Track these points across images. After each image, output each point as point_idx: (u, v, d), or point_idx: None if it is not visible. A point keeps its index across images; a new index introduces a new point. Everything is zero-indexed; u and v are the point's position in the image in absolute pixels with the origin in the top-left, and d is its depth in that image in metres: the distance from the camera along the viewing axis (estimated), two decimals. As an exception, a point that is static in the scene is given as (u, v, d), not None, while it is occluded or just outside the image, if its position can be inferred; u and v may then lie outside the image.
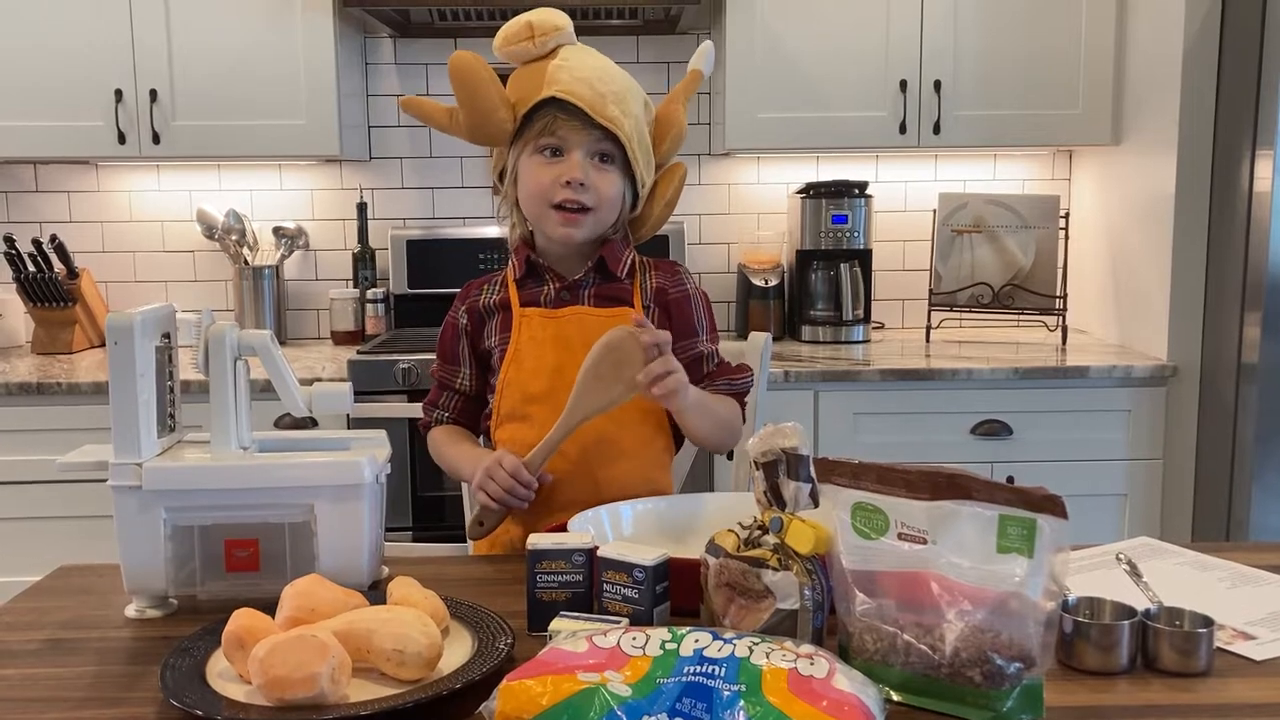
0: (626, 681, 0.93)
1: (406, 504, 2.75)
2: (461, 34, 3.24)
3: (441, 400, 1.74)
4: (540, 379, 1.62)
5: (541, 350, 1.63)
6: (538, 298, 1.67)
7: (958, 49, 2.93)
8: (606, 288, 1.66)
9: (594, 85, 1.58)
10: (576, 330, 1.63)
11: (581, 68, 1.60)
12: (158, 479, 1.28)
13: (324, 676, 1.01)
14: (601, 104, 1.57)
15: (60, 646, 1.22)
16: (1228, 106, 2.61)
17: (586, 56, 1.63)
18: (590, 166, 1.59)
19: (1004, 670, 0.99)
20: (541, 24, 1.61)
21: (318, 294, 3.32)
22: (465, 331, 1.71)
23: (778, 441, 1.12)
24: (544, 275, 1.67)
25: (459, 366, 1.72)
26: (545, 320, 1.64)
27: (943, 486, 1.04)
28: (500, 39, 1.64)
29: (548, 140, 1.59)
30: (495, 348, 1.67)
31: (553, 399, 1.58)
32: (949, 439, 2.73)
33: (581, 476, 1.60)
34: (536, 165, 1.61)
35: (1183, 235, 2.69)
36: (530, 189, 1.62)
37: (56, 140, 2.89)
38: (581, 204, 1.59)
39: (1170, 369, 2.72)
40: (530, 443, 1.55)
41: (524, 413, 1.62)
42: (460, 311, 1.72)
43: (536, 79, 1.60)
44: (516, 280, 1.68)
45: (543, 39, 1.61)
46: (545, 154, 1.60)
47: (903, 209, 3.35)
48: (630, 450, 1.63)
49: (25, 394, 2.65)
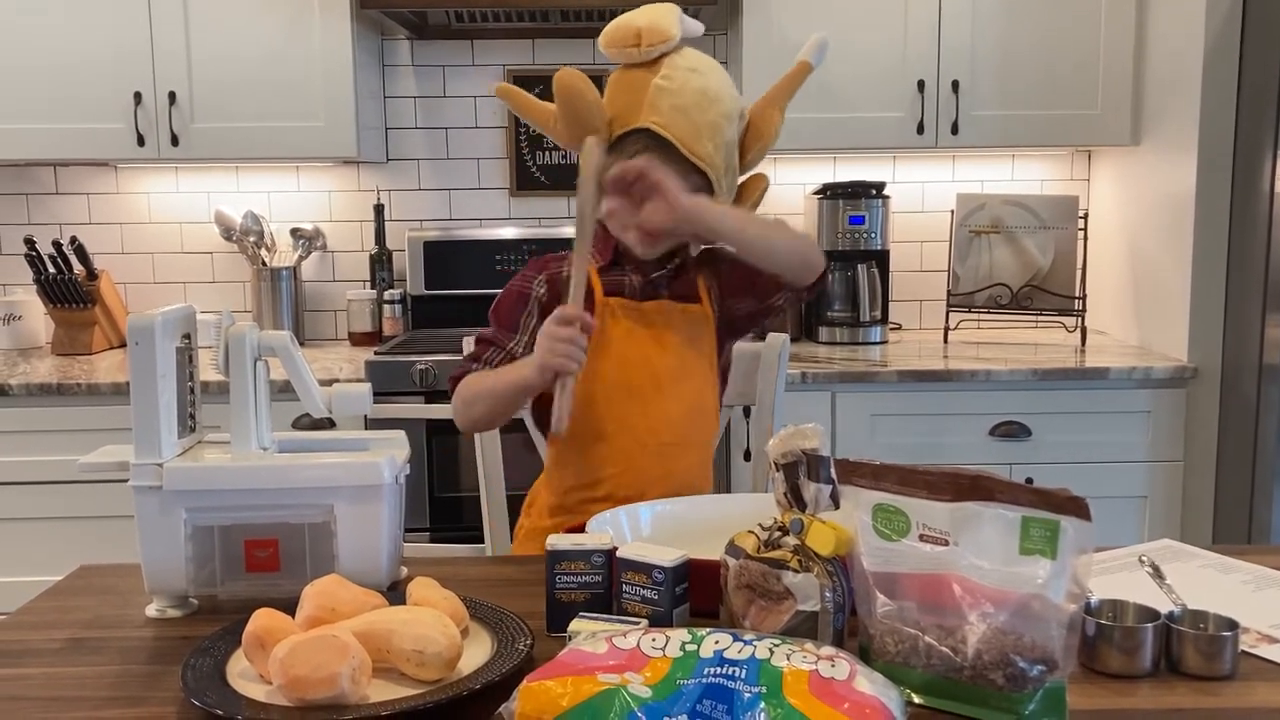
0: (647, 683, 0.93)
1: (424, 505, 2.75)
2: (479, 36, 3.24)
3: (486, 355, 1.70)
4: (627, 369, 1.65)
5: (632, 341, 1.66)
6: (620, 287, 1.69)
7: (975, 49, 2.92)
8: (682, 284, 1.71)
9: (691, 115, 1.59)
10: (663, 323, 1.67)
11: (683, 91, 1.60)
12: (178, 479, 1.28)
13: (344, 677, 1.01)
14: (696, 139, 1.58)
15: (82, 646, 1.23)
16: (1249, 106, 2.59)
17: (691, 77, 1.62)
18: None
19: (1026, 673, 0.99)
20: (650, 33, 1.61)
21: (335, 295, 3.33)
22: (539, 300, 1.69)
23: (798, 443, 1.11)
24: (626, 267, 1.70)
25: (517, 333, 1.69)
26: (633, 310, 1.67)
27: (965, 488, 1.03)
28: (607, 40, 1.64)
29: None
30: None
31: (635, 391, 1.64)
32: (967, 440, 2.72)
33: (659, 468, 1.64)
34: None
35: (1203, 235, 2.68)
36: (614, 208, 1.62)
37: (76, 143, 2.90)
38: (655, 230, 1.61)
39: (1191, 370, 2.70)
40: (607, 431, 1.62)
41: (604, 401, 1.64)
42: (536, 280, 1.71)
43: (638, 96, 1.60)
44: (599, 268, 1.69)
45: (650, 49, 1.61)
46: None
47: (920, 210, 3.33)
48: (697, 441, 1.70)
49: (46, 394, 2.67)
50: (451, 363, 2.68)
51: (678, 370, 1.66)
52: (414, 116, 3.29)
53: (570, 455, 1.68)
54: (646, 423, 1.64)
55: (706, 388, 1.71)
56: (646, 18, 1.62)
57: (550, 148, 3.28)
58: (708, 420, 1.73)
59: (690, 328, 1.69)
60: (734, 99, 1.67)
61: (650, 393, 1.64)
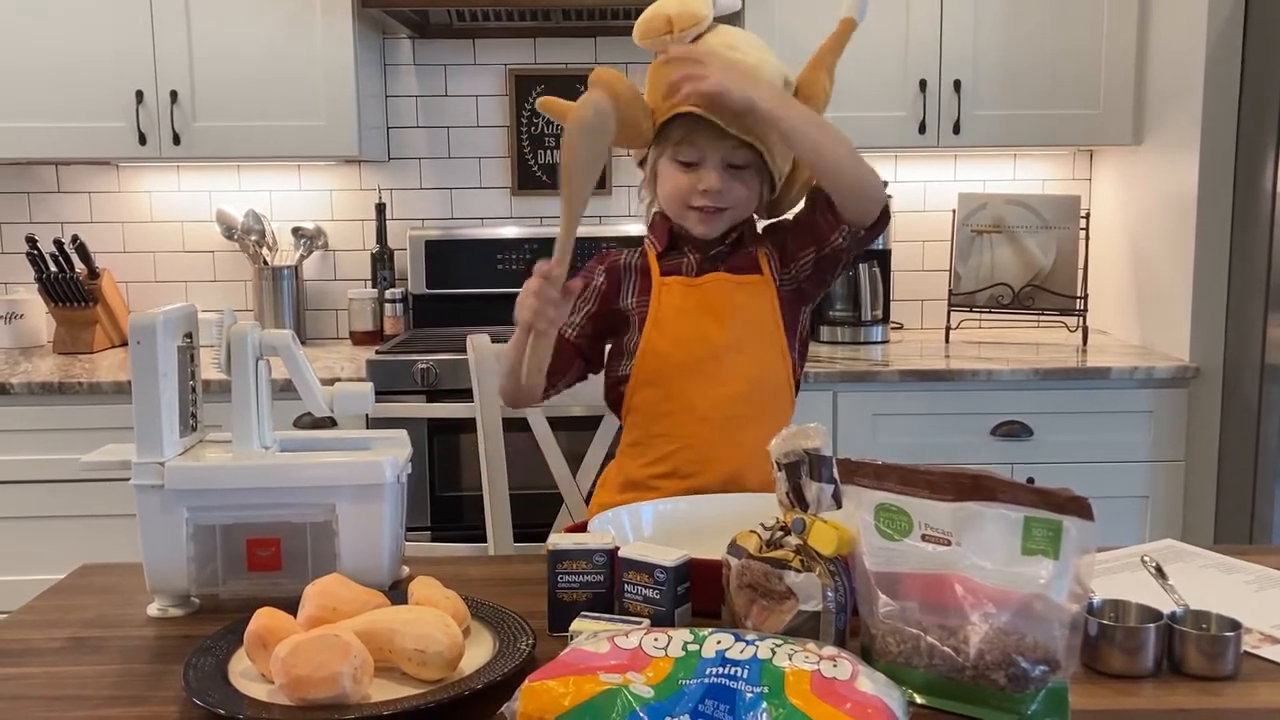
0: (649, 683, 0.93)
1: (425, 504, 2.75)
2: (480, 34, 3.24)
3: None
4: (682, 346, 1.65)
5: (685, 316, 1.66)
6: (678, 268, 1.70)
7: (977, 48, 2.92)
8: (741, 258, 1.71)
9: None
10: (718, 296, 1.67)
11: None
12: (180, 478, 1.28)
13: (346, 676, 1.01)
14: (737, 115, 1.58)
15: (83, 645, 1.23)
16: (1251, 106, 2.59)
17: (727, 54, 1.61)
18: (725, 174, 1.62)
19: (1028, 673, 0.99)
20: (681, 18, 1.61)
21: (336, 294, 3.33)
22: (599, 288, 1.72)
23: (800, 442, 1.11)
24: (684, 249, 1.71)
25: (571, 315, 1.69)
26: (687, 288, 1.68)
27: (967, 488, 1.03)
28: (640, 32, 1.65)
29: (684, 151, 1.63)
30: (633, 310, 1.70)
31: (694, 366, 1.64)
32: (969, 440, 2.72)
33: (725, 442, 1.64)
34: (674, 172, 1.65)
35: (1205, 235, 2.67)
36: (669, 193, 1.67)
37: (78, 141, 2.90)
38: (718, 206, 1.64)
39: (1192, 370, 2.70)
40: (670, 410, 1.64)
41: (665, 379, 1.66)
42: (597, 270, 1.74)
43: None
44: (658, 254, 1.71)
45: (682, 34, 1.61)
46: (682, 163, 1.63)
47: (922, 209, 3.33)
48: (767, 414, 1.67)
49: (47, 393, 2.67)
50: (453, 362, 2.69)
51: (736, 343, 1.66)
52: (415, 115, 3.29)
53: (636, 433, 1.70)
54: (707, 397, 1.64)
55: (772, 358, 1.69)
56: (676, 3, 1.62)
57: (552, 147, 3.28)
58: (776, 392, 1.70)
59: (750, 299, 1.68)
60: (776, 69, 1.66)
61: (710, 367, 1.64)
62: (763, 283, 1.70)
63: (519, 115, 3.27)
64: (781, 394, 1.71)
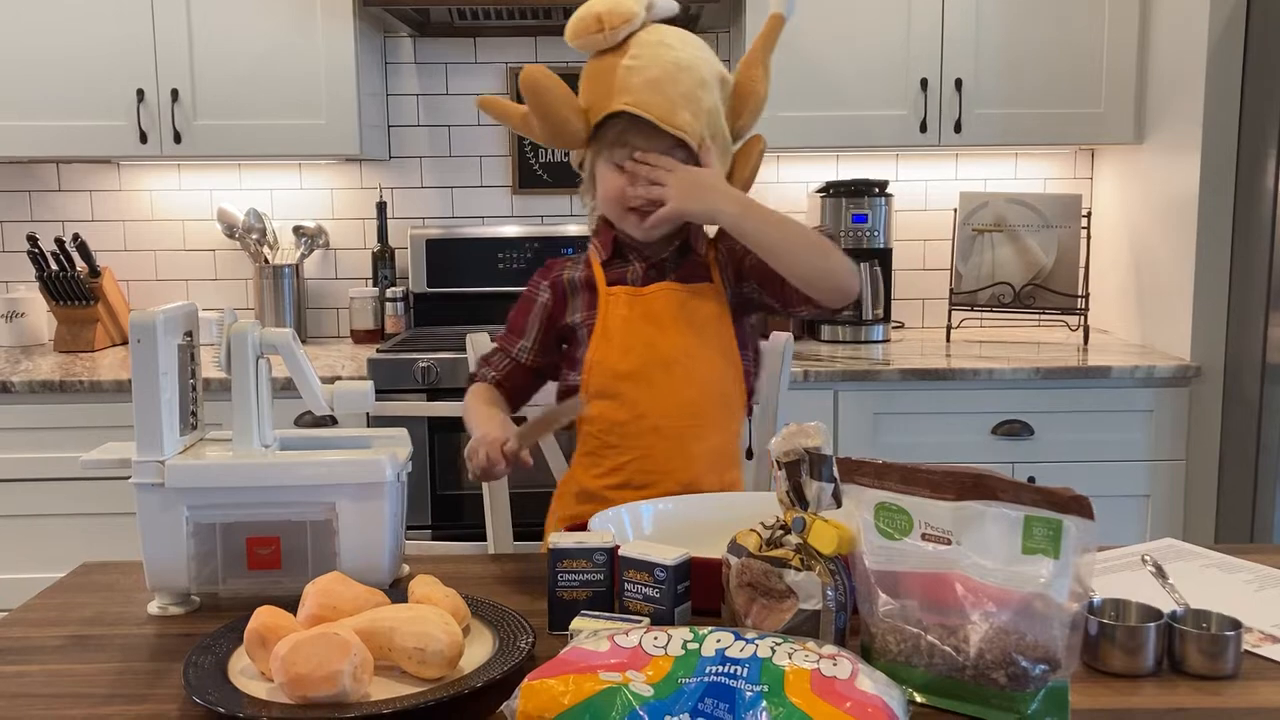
0: (649, 681, 0.93)
1: (425, 502, 2.75)
2: (481, 33, 3.24)
3: (494, 360, 1.76)
4: (630, 357, 1.64)
5: (631, 327, 1.65)
6: (624, 277, 1.69)
7: (979, 47, 2.91)
8: (688, 264, 1.70)
9: (664, 89, 1.57)
10: (665, 305, 1.66)
11: (652, 66, 1.58)
12: (180, 477, 1.28)
13: (346, 674, 1.01)
14: (671, 112, 1.57)
15: (83, 643, 1.23)
16: (1252, 105, 2.59)
17: (660, 50, 1.60)
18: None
19: (1029, 672, 0.98)
20: (611, 16, 1.59)
21: (337, 293, 3.33)
22: (545, 305, 1.72)
23: (800, 441, 1.11)
24: (629, 256, 1.70)
25: (521, 337, 1.73)
26: (633, 297, 1.67)
27: (968, 487, 1.03)
28: (571, 31, 1.63)
29: (619, 153, 1.62)
30: (580, 324, 1.69)
31: (644, 376, 1.63)
32: (969, 439, 2.72)
33: (678, 451, 1.63)
34: (610, 173, 1.64)
35: (1206, 234, 2.67)
36: (606, 196, 1.66)
37: (79, 140, 2.90)
38: (655, 204, 1.61)
39: (1193, 369, 2.70)
40: (622, 420, 1.62)
41: (614, 390, 1.64)
42: (541, 286, 1.73)
43: (607, 82, 1.60)
44: (602, 262, 1.70)
45: (613, 32, 1.60)
46: (617, 163, 1.63)
47: (923, 208, 3.33)
48: (720, 423, 1.68)
49: (48, 391, 2.67)
50: (453, 360, 2.69)
51: (686, 351, 1.65)
52: (416, 114, 3.28)
53: (590, 443, 1.69)
54: (659, 407, 1.63)
55: (723, 366, 1.68)
56: (605, 2, 1.60)
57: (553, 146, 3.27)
58: (728, 399, 1.70)
59: (699, 307, 1.67)
60: (711, 65, 1.64)
61: (659, 376, 1.63)
62: (712, 290, 1.69)
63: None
64: (733, 401, 1.70)
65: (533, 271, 1.79)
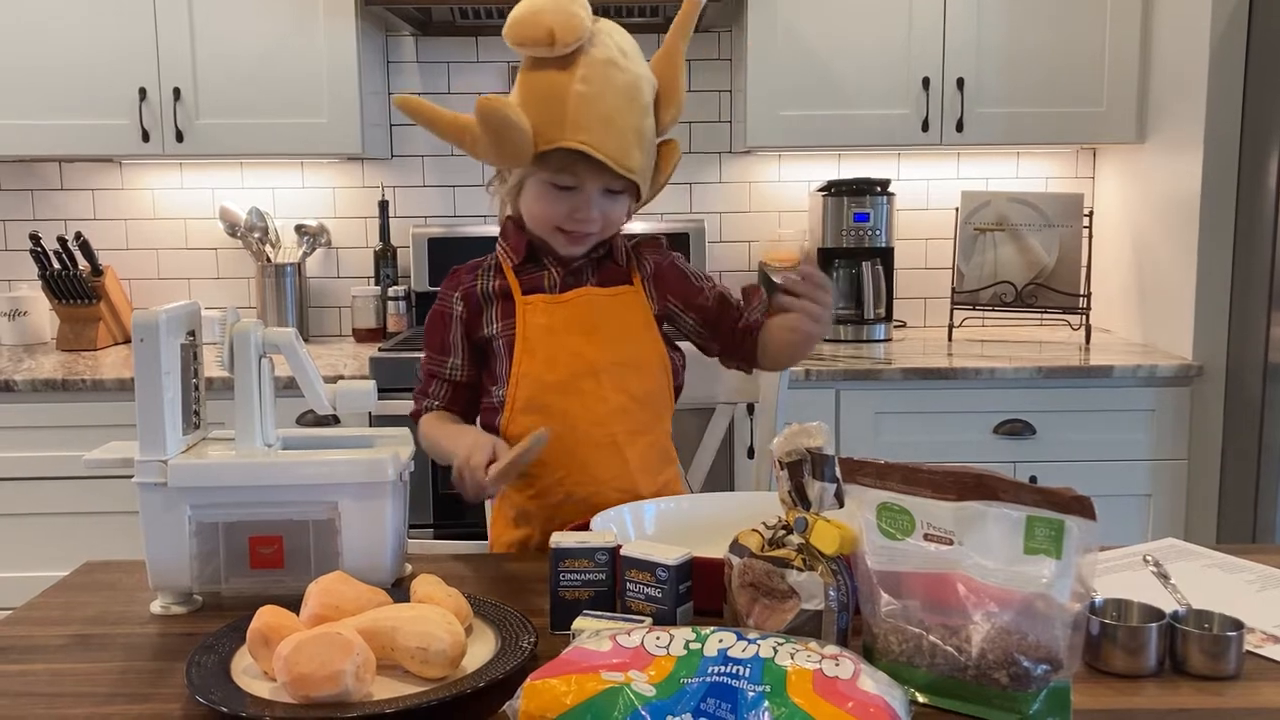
0: (651, 681, 0.93)
1: (427, 502, 2.75)
2: (483, 32, 3.24)
3: (431, 389, 1.68)
4: (557, 367, 1.59)
5: (554, 337, 1.60)
6: (540, 283, 1.63)
7: (981, 46, 2.91)
8: (608, 268, 1.66)
9: (617, 124, 1.51)
10: (587, 312, 1.61)
11: (604, 94, 1.50)
12: (183, 476, 1.28)
13: (348, 674, 1.01)
14: (625, 153, 1.52)
15: (86, 642, 1.23)
16: (1254, 104, 2.59)
17: (609, 72, 1.52)
18: (602, 201, 1.57)
19: (1031, 672, 0.98)
20: (564, 32, 1.49)
21: (339, 291, 3.34)
22: (460, 319, 1.65)
23: (802, 441, 1.11)
24: (544, 260, 1.64)
25: (449, 356, 1.66)
26: (553, 306, 1.61)
27: (969, 487, 1.03)
28: (515, 38, 1.51)
29: (563, 178, 1.55)
30: (498, 335, 1.62)
31: (572, 386, 1.59)
32: (971, 439, 2.72)
33: (612, 457, 1.60)
34: (548, 193, 1.56)
35: (1208, 233, 2.67)
36: (537, 214, 1.59)
37: (81, 139, 2.91)
38: (589, 232, 1.59)
39: (1195, 368, 2.70)
40: (553, 434, 1.53)
41: (542, 403, 1.59)
42: (454, 299, 1.65)
43: (558, 109, 1.50)
44: (514, 267, 1.64)
45: (563, 47, 1.50)
46: (557, 186, 1.56)
47: (925, 207, 3.33)
48: (651, 424, 1.65)
49: (51, 390, 2.67)
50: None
51: (615, 358, 1.60)
52: (418, 113, 3.28)
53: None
54: (590, 416, 1.59)
55: (653, 369, 1.64)
56: (557, 15, 1.49)
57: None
58: (659, 401, 1.66)
59: (622, 312, 1.63)
60: (648, 79, 1.58)
61: (589, 385, 1.58)
62: (633, 293, 1.65)
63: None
64: (664, 402, 1.67)
65: None
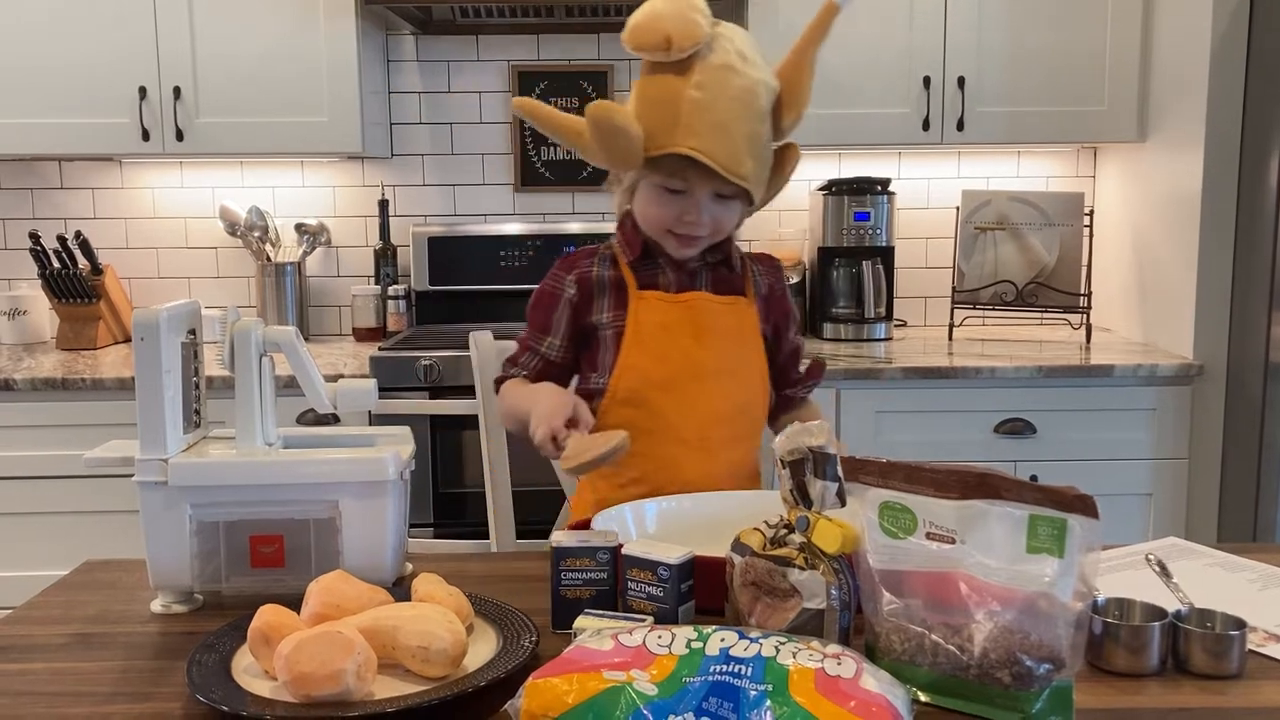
0: (653, 680, 0.93)
1: (428, 500, 2.75)
2: (483, 31, 3.24)
3: (522, 359, 1.69)
4: (665, 365, 1.61)
5: (667, 334, 1.62)
6: (655, 280, 1.65)
7: (981, 45, 2.91)
8: (722, 275, 1.68)
9: (730, 131, 1.51)
10: (701, 315, 1.63)
11: (717, 103, 1.50)
12: (183, 475, 1.28)
13: (349, 673, 1.01)
14: (737, 161, 1.51)
15: (87, 641, 1.23)
16: (1255, 103, 2.58)
17: (725, 77, 1.51)
18: (713, 206, 1.58)
19: (1033, 671, 0.98)
20: (681, 38, 1.49)
21: (339, 290, 3.33)
22: (570, 302, 1.66)
23: (804, 440, 1.11)
24: (660, 260, 1.66)
25: (549, 334, 1.67)
26: (667, 304, 1.63)
27: (972, 486, 1.03)
28: (634, 42, 1.52)
29: (674, 182, 1.56)
30: (606, 325, 1.64)
31: (676, 386, 1.61)
32: (972, 438, 2.71)
33: (702, 462, 1.61)
34: (659, 196, 1.58)
35: (1209, 232, 2.67)
36: (650, 217, 1.61)
37: (81, 137, 2.90)
38: (699, 235, 1.59)
39: (1196, 368, 2.69)
40: (649, 429, 1.58)
41: (643, 397, 1.61)
42: (566, 281, 1.66)
43: (671, 113, 1.51)
44: (630, 262, 1.65)
45: (680, 52, 1.50)
46: (668, 190, 1.57)
47: (925, 206, 3.33)
48: (744, 437, 1.68)
49: (51, 389, 2.67)
50: (456, 358, 2.69)
51: (720, 365, 1.63)
52: (419, 112, 3.28)
53: None
54: (687, 418, 1.61)
55: (753, 382, 1.66)
56: (675, 21, 1.49)
57: (555, 144, 3.27)
58: (755, 415, 1.69)
59: (733, 321, 1.65)
60: (767, 85, 1.56)
61: (692, 388, 1.61)
62: (746, 304, 1.67)
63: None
64: (759, 416, 1.70)
65: (536, 268, 1.77)
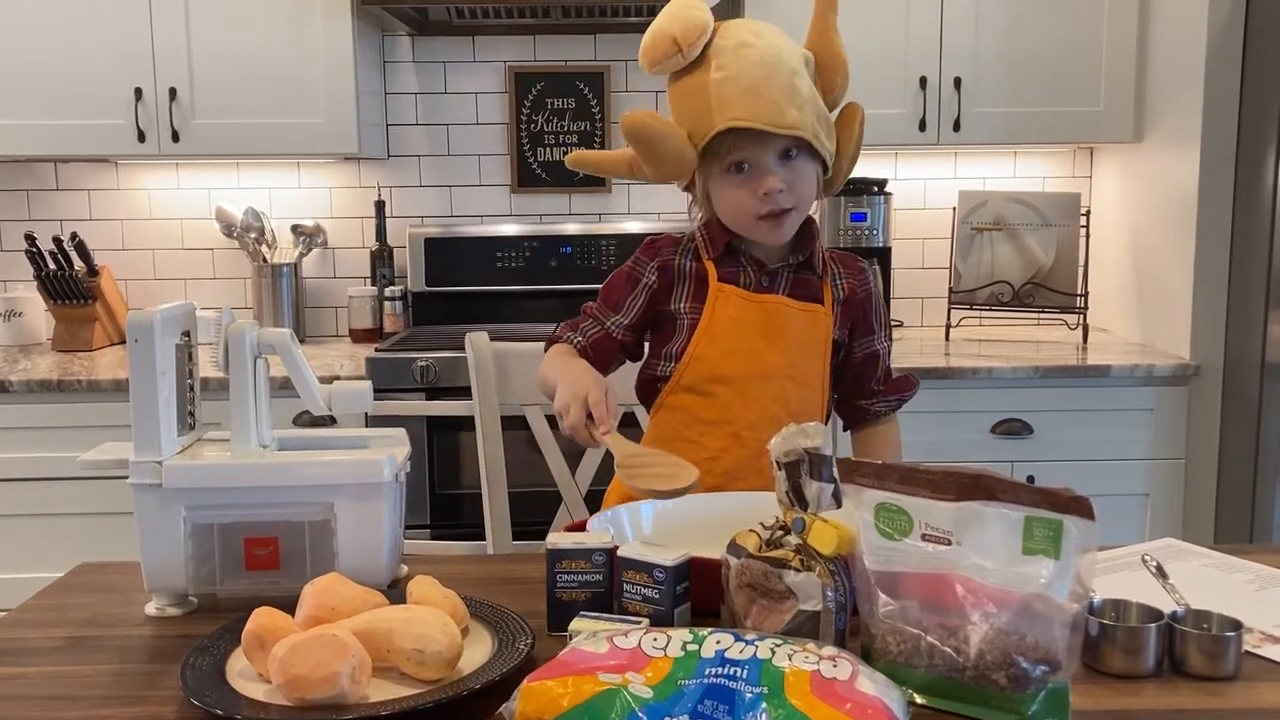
0: (648, 683, 0.93)
1: (424, 502, 2.75)
2: (480, 32, 3.24)
3: (582, 326, 1.67)
4: (732, 360, 1.61)
5: (740, 331, 1.61)
6: (735, 277, 1.64)
7: (978, 45, 2.91)
8: (802, 280, 1.66)
9: (762, 93, 1.50)
10: (775, 318, 1.62)
11: (743, 74, 1.51)
12: (178, 477, 1.28)
13: (344, 676, 1.01)
14: (778, 113, 1.50)
15: (81, 644, 1.22)
16: (1252, 103, 2.59)
17: (742, 53, 1.52)
18: (782, 169, 1.55)
19: (1029, 673, 0.98)
20: (686, 34, 1.51)
21: (336, 292, 3.33)
22: (649, 287, 1.65)
23: (800, 441, 1.11)
24: (742, 260, 1.65)
25: (618, 314, 1.66)
26: (745, 302, 1.63)
27: (968, 487, 1.02)
28: (648, 60, 1.54)
29: (734, 160, 1.55)
30: (683, 314, 1.64)
31: (739, 383, 1.60)
32: (969, 438, 2.71)
33: (753, 461, 1.59)
34: (731, 186, 1.57)
35: (1206, 233, 2.67)
36: (731, 210, 1.59)
37: (77, 139, 2.90)
38: (784, 207, 1.57)
39: (1193, 368, 2.70)
40: (707, 419, 1.59)
41: (707, 389, 1.61)
42: (649, 267, 1.66)
43: (702, 101, 1.52)
44: (713, 258, 1.65)
45: (690, 49, 1.52)
46: (734, 171, 1.56)
47: (922, 207, 3.33)
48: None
49: (46, 391, 2.67)
50: (452, 360, 2.69)
51: (787, 369, 1.62)
52: (415, 113, 3.28)
53: (664, 431, 1.64)
54: (747, 416, 1.61)
55: (814, 391, 1.65)
56: (676, 22, 1.51)
57: (552, 145, 3.27)
58: (808, 420, 1.68)
59: (806, 328, 1.64)
60: (793, 50, 1.57)
61: (755, 387, 1.60)
62: (823, 314, 1.65)
63: (519, 113, 3.27)
64: (821, 410, 1.68)
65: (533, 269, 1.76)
